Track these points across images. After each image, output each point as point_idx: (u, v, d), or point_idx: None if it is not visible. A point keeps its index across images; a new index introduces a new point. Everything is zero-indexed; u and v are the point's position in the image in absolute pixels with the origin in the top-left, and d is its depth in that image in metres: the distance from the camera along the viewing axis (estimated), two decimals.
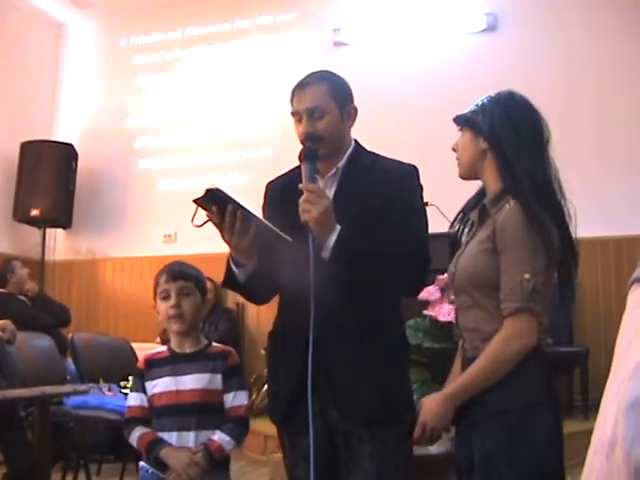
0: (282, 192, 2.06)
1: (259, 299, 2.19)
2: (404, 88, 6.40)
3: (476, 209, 1.92)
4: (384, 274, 1.94)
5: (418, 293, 2.19)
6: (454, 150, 1.96)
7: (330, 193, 2.00)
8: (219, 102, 7.18)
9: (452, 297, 1.96)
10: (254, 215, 1.87)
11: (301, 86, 2.05)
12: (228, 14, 7.25)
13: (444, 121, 1.98)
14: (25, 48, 7.30)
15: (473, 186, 2.00)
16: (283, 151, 6.48)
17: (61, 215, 6.85)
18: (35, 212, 6.65)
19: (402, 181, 2.01)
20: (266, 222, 1.87)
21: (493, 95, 1.91)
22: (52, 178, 6.76)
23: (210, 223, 1.89)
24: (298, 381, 1.88)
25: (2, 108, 6.92)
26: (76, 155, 7.05)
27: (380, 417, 1.92)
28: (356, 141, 2.13)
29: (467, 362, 1.83)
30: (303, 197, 1.86)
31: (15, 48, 7.13)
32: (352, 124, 2.11)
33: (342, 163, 2.05)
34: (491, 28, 6.40)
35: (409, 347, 2.11)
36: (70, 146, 7.03)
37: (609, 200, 5.70)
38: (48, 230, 7.00)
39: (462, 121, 1.93)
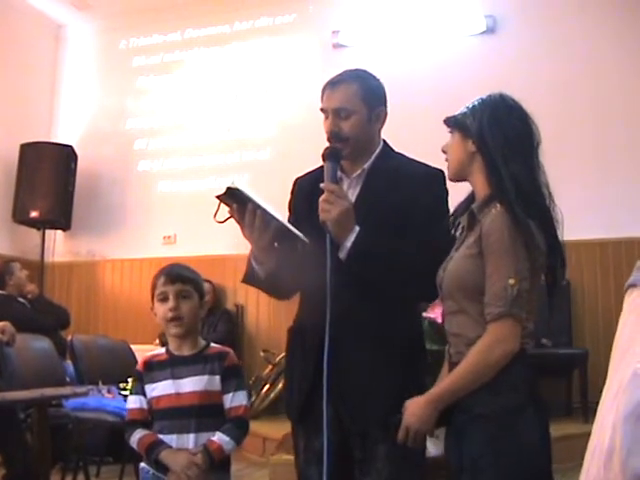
0: (310, 189, 2.05)
1: (279, 295, 2.19)
2: (404, 90, 6.38)
3: (466, 214, 1.92)
4: (400, 278, 1.93)
5: (434, 299, 2.20)
6: (444, 151, 1.95)
7: (354, 193, 2.00)
8: (218, 104, 7.19)
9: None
10: (271, 215, 1.87)
11: (332, 84, 2.05)
12: (227, 16, 7.26)
13: (442, 123, 1.98)
14: (24, 50, 7.30)
15: (470, 188, 2.00)
16: (282, 153, 6.50)
17: (60, 217, 6.85)
18: (34, 214, 6.66)
19: (427, 185, 2.01)
20: (283, 222, 1.88)
21: (484, 97, 1.90)
22: (52, 180, 6.77)
23: (217, 221, 1.91)
24: (313, 380, 1.89)
25: (1, 110, 6.93)
26: (75, 157, 7.05)
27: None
28: (384, 142, 2.12)
29: (452, 367, 1.82)
30: (323, 197, 1.87)
31: (14, 50, 7.14)
32: (381, 127, 2.10)
33: (368, 164, 2.05)
34: (490, 30, 6.40)
35: (425, 349, 2.10)
36: (69, 148, 7.03)
37: (608, 202, 5.69)
38: (47, 232, 7.00)
39: (452, 123, 1.92)
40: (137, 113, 7.47)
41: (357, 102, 2.01)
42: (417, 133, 6.04)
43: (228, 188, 1.81)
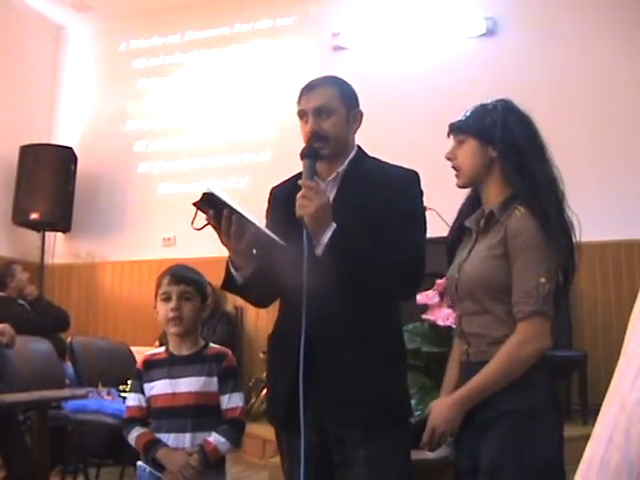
0: (288, 196, 2.06)
1: (259, 302, 2.20)
2: (403, 92, 6.41)
3: (472, 217, 1.93)
4: (375, 276, 1.94)
5: (409, 298, 2.20)
6: (449, 159, 1.95)
7: (330, 197, 2.00)
8: (218, 106, 7.19)
9: (450, 302, 1.96)
10: (247, 219, 1.88)
11: (310, 87, 2.09)
12: (227, 18, 7.27)
13: (443, 125, 1.99)
14: (24, 51, 7.31)
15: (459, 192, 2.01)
16: (282, 155, 6.49)
17: (60, 219, 6.85)
18: (34, 216, 6.65)
19: (402, 186, 2.02)
20: (259, 226, 1.89)
21: (494, 103, 1.91)
22: (51, 181, 6.77)
23: (209, 226, 1.91)
24: (295, 385, 1.88)
25: (1, 111, 6.93)
26: (75, 158, 7.05)
27: (375, 421, 1.91)
28: (359, 147, 2.14)
29: (471, 367, 1.82)
30: (301, 193, 1.88)
31: (14, 51, 7.14)
32: (357, 128, 2.13)
33: (343, 168, 2.06)
34: (490, 32, 6.40)
35: (405, 350, 2.10)
36: (69, 149, 7.03)
37: (607, 204, 5.70)
38: (47, 234, 7.00)
39: (466, 130, 1.92)
40: (137, 115, 7.47)
41: (336, 102, 2.05)
42: (416, 135, 6.04)
43: (204, 194, 1.82)
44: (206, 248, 6.38)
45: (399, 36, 6.64)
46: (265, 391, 5.59)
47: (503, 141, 1.85)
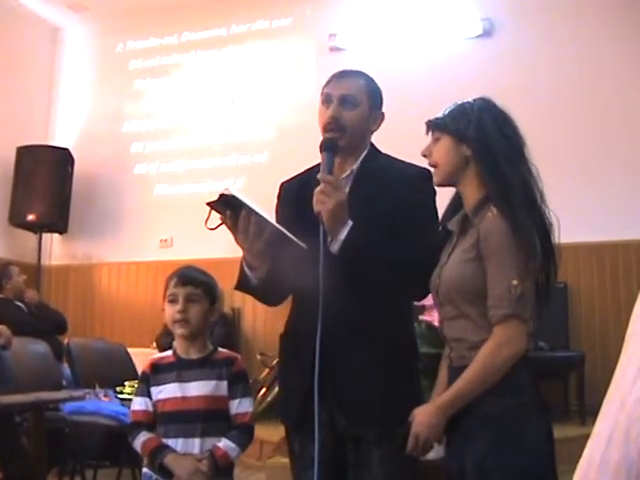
0: (298, 192, 2.05)
1: (270, 301, 2.18)
2: (400, 93, 6.40)
3: (454, 219, 1.93)
4: (391, 274, 1.93)
5: (423, 297, 2.20)
6: (425, 156, 1.95)
7: None
8: (215, 107, 7.19)
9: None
10: (267, 220, 1.86)
11: (342, 74, 2.10)
12: (224, 19, 7.27)
13: (427, 127, 1.98)
14: (21, 52, 7.30)
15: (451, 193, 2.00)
16: (279, 156, 6.51)
17: (57, 220, 6.85)
18: (31, 217, 6.65)
19: (416, 185, 2.01)
20: (279, 227, 1.86)
21: (472, 102, 1.91)
22: (48, 183, 6.77)
23: (212, 228, 1.89)
24: (309, 385, 1.87)
25: None
26: (72, 160, 7.05)
27: (389, 420, 1.90)
28: (372, 144, 2.13)
29: (454, 371, 1.82)
30: (319, 188, 1.86)
31: (11, 52, 7.14)
32: (376, 129, 2.12)
33: (356, 165, 2.05)
34: (487, 33, 6.41)
35: (418, 349, 2.09)
36: (66, 151, 7.03)
37: (604, 206, 5.70)
38: (44, 235, 7.00)
39: (441, 127, 1.91)
40: (134, 116, 7.47)
41: (363, 96, 2.06)
42: (413, 136, 6.03)
43: (221, 195, 1.80)
44: (203, 249, 6.42)
45: (396, 37, 6.65)
46: (263, 392, 5.62)
47: (477, 140, 1.84)
